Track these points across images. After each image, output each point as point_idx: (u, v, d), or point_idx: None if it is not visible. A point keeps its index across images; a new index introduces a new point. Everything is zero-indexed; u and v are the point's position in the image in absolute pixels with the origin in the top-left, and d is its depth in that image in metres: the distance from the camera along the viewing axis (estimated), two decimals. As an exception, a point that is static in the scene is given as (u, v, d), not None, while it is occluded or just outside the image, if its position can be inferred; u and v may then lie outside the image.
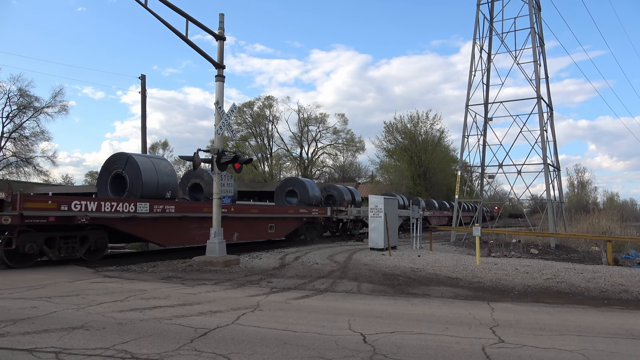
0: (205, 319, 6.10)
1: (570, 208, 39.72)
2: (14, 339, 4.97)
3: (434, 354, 4.75)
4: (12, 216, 9.93)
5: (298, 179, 23.82)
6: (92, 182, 54.90)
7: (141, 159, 13.76)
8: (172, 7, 12.10)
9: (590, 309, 7.51)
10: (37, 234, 10.78)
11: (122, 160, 13.74)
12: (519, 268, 11.83)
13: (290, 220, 19.60)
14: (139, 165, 13.40)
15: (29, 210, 10.29)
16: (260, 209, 18.18)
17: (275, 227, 18.47)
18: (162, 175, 13.93)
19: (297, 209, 20.05)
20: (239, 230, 16.40)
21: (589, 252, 18.86)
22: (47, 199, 10.92)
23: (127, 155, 13.83)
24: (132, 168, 13.43)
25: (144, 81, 24.81)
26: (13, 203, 10.03)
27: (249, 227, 17.11)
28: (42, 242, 10.89)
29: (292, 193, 22.00)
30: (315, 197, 21.87)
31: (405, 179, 50.21)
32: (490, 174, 27.40)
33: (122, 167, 13.57)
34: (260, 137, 59.94)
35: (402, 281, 10.00)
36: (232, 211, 15.80)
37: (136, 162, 13.45)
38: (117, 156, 14.08)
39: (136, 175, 13.32)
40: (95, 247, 12.13)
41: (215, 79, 13.16)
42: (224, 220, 14.68)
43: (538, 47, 23.80)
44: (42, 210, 10.53)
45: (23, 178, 45.08)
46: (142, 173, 13.30)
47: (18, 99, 41.55)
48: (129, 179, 13.44)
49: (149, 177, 13.50)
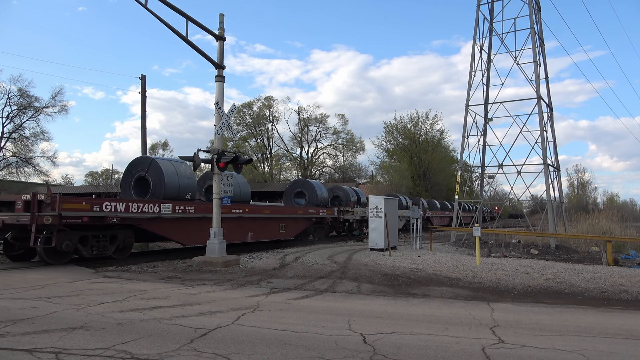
0: (205, 319, 6.10)
1: (570, 208, 39.73)
2: (14, 339, 4.97)
3: (433, 354, 4.75)
4: (52, 216, 10.55)
5: (306, 180, 24.24)
6: (92, 182, 54.82)
7: (164, 162, 14.36)
8: (172, 7, 12.10)
9: (590, 310, 7.51)
10: (72, 233, 11.34)
11: (146, 163, 14.35)
12: (518, 268, 11.82)
13: (300, 220, 20.06)
14: (162, 168, 13.96)
15: (66, 210, 10.89)
16: (272, 210, 18.61)
17: (286, 227, 18.93)
18: (182, 178, 14.46)
19: (306, 210, 20.53)
20: (253, 230, 16.94)
21: (589, 252, 18.86)
22: (81, 201, 11.49)
23: (151, 158, 14.50)
24: (155, 171, 14.00)
25: (144, 81, 24.83)
26: (52, 204, 10.62)
27: (262, 227, 17.62)
28: (77, 241, 11.47)
29: (300, 194, 22.47)
30: (323, 198, 22.27)
31: (405, 179, 50.19)
32: (490, 174, 27.41)
33: (146, 170, 14.14)
34: (260, 138, 59.92)
35: (402, 281, 10.00)
36: (246, 212, 16.31)
37: (159, 165, 14.03)
38: (140, 159, 14.72)
39: (159, 178, 13.88)
40: (123, 245, 12.74)
41: (215, 79, 13.16)
42: (239, 221, 15.90)
43: (538, 47, 23.81)
44: (77, 210, 11.13)
45: (23, 178, 45.06)
46: (164, 175, 13.85)
47: (18, 99, 41.50)
48: (152, 181, 14.00)
49: (171, 180, 14.07)
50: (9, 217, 11.01)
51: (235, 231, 15.87)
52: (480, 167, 27.29)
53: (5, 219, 10.89)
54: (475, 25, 25.37)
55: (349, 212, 24.07)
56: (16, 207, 11.29)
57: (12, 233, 10.98)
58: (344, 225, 24.85)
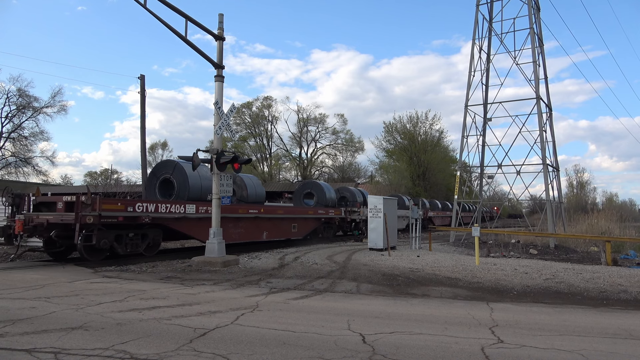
0: (205, 319, 6.10)
1: (569, 208, 39.71)
2: (13, 339, 4.97)
3: (433, 354, 4.75)
4: (93, 216, 11.35)
5: (315, 182, 25.06)
6: (92, 182, 54.77)
7: (187, 165, 14.78)
8: (171, 7, 12.10)
9: (590, 309, 7.52)
10: (109, 232, 12.08)
11: (170, 166, 15.23)
12: (518, 268, 11.83)
13: (311, 220, 20.89)
14: (186, 171, 14.74)
15: (105, 211, 11.69)
16: (285, 210, 19.53)
17: (298, 226, 19.70)
18: (204, 180, 15.20)
19: (316, 210, 21.38)
20: (268, 230, 17.71)
21: (588, 252, 18.86)
22: (117, 202, 12.56)
23: (175, 162, 15.22)
24: (180, 173, 14.83)
25: (143, 81, 24.81)
26: (93, 205, 11.39)
27: (276, 227, 18.38)
28: (113, 239, 12.22)
29: (309, 195, 23.36)
30: (331, 199, 23.11)
31: (404, 179, 50.23)
32: (489, 174, 27.39)
33: (170, 173, 15.00)
34: (259, 138, 59.98)
35: (402, 281, 10.01)
36: (262, 212, 17.15)
37: (183, 168, 14.80)
38: (165, 162, 15.74)
39: (183, 180, 14.71)
40: (153, 243, 13.59)
41: (215, 79, 13.16)
42: (255, 221, 16.86)
43: (537, 47, 23.80)
44: (114, 211, 11.94)
45: (22, 178, 45.06)
46: (188, 178, 14.66)
47: (17, 99, 41.56)
48: (176, 183, 14.84)
49: (194, 182, 14.91)
50: (54, 216, 11.64)
51: (253, 230, 16.76)
52: (480, 167, 27.30)
53: (50, 219, 11.56)
54: (475, 25, 25.37)
55: (355, 212, 24.82)
56: (57, 207, 11.98)
57: (56, 231, 11.59)
58: (351, 225, 25.69)
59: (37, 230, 11.71)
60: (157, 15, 11.97)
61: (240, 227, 15.85)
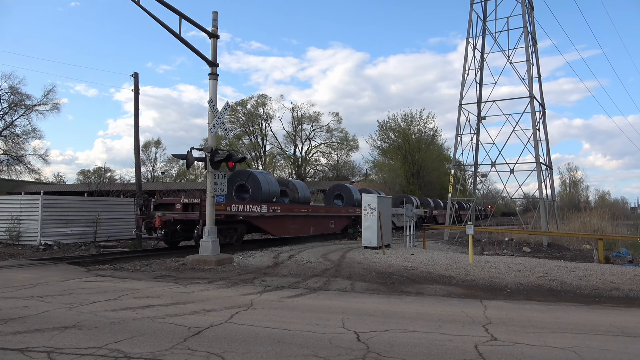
0: (199, 317, 6.09)
1: (562, 206, 39.97)
2: (5, 339, 4.93)
3: (427, 351, 4.77)
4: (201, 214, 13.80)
5: (344, 185, 28.01)
6: (85, 180, 54.36)
7: (259, 174, 18.73)
8: (165, 4, 12.03)
9: (582, 307, 7.58)
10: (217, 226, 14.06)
11: (245, 175, 18.54)
12: (511, 266, 11.90)
13: (344, 218, 24.15)
14: (259, 179, 18.02)
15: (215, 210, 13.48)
16: (325, 210, 22.89)
17: (335, 223, 23.01)
18: (271, 185, 18.59)
19: (347, 209, 24.33)
20: (314, 225, 20.92)
21: (581, 250, 19.02)
22: (220, 204, 14.11)
23: (249, 171, 18.81)
24: (254, 181, 18.01)
25: (136, 79, 24.59)
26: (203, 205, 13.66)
27: (320, 223, 21.63)
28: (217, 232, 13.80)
29: (338, 196, 26.11)
30: (357, 200, 25.36)
31: (398, 177, 50.32)
32: (483, 172, 27.52)
33: (245, 180, 18.19)
34: (253, 136, 59.80)
35: (396, 279, 10.03)
36: (310, 211, 20.31)
37: (256, 176, 18.22)
38: (240, 172, 18.97)
39: (257, 186, 17.84)
40: (239, 236, 16.47)
41: (209, 77, 13.11)
42: (305, 218, 20.04)
43: (531, 46, 23.91)
44: (219, 210, 14.12)
45: (14, 176, 44.68)
46: (261, 184, 17.79)
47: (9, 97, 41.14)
48: (251, 188, 17.93)
49: (265, 187, 18.00)
50: (179, 214, 14.62)
51: (303, 226, 20.05)
52: (474, 165, 27.42)
53: (175, 216, 14.61)
54: (469, 24, 25.46)
55: None
56: (176, 207, 14.96)
57: (180, 226, 14.61)
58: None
59: (166, 225, 14.60)
60: (150, 12, 11.88)
61: (296, 223, 19.38)
